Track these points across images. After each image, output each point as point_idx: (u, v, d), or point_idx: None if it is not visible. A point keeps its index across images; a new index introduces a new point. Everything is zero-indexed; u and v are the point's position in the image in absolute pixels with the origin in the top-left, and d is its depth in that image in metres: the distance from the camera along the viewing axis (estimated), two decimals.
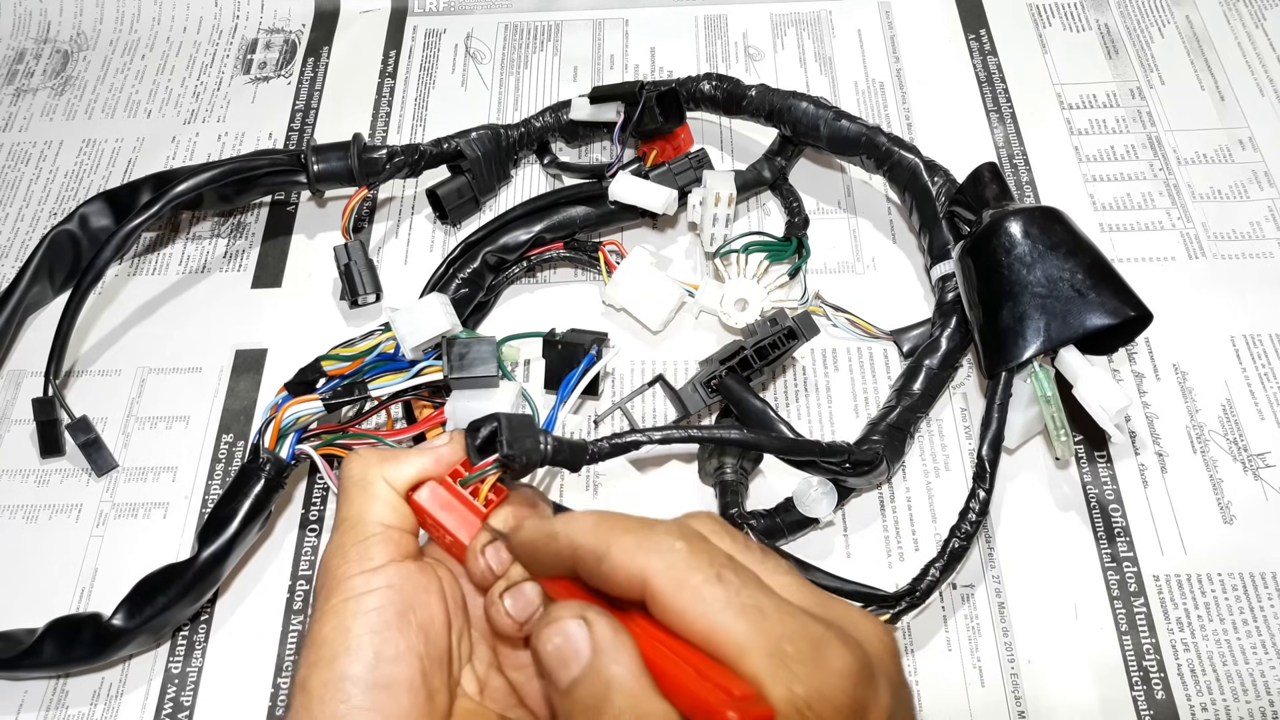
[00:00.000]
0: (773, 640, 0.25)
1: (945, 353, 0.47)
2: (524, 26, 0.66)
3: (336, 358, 0.45)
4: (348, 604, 0.30)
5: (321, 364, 0.45)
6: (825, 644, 0.25)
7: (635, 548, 0.26)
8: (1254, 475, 0.46)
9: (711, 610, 0.25)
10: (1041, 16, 0.64)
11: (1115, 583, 0.44)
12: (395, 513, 0.32)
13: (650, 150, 0.55)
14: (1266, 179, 0.56)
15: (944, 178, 0.51)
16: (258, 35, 0.67)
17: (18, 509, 0.48)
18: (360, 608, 0.30)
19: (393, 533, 0.31)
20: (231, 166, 0.52)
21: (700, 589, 0.25)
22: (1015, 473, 0.46)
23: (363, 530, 0.31)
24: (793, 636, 0.25)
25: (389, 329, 0.45)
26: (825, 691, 0.24)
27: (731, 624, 0.25)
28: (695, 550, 0.26)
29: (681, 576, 0.26)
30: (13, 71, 0.67)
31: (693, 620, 0.25)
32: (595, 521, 0.28)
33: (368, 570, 0.30)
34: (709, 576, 0.26)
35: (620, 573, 0.26)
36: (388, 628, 0.29)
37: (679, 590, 0.26)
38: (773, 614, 0.25)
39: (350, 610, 0.29)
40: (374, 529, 0.31)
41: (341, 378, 0.45)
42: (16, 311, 0.52)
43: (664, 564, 0.26)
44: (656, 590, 0.26)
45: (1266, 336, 0.50)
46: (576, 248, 0.53)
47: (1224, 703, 0.41)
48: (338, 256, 0.53)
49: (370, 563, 0.30)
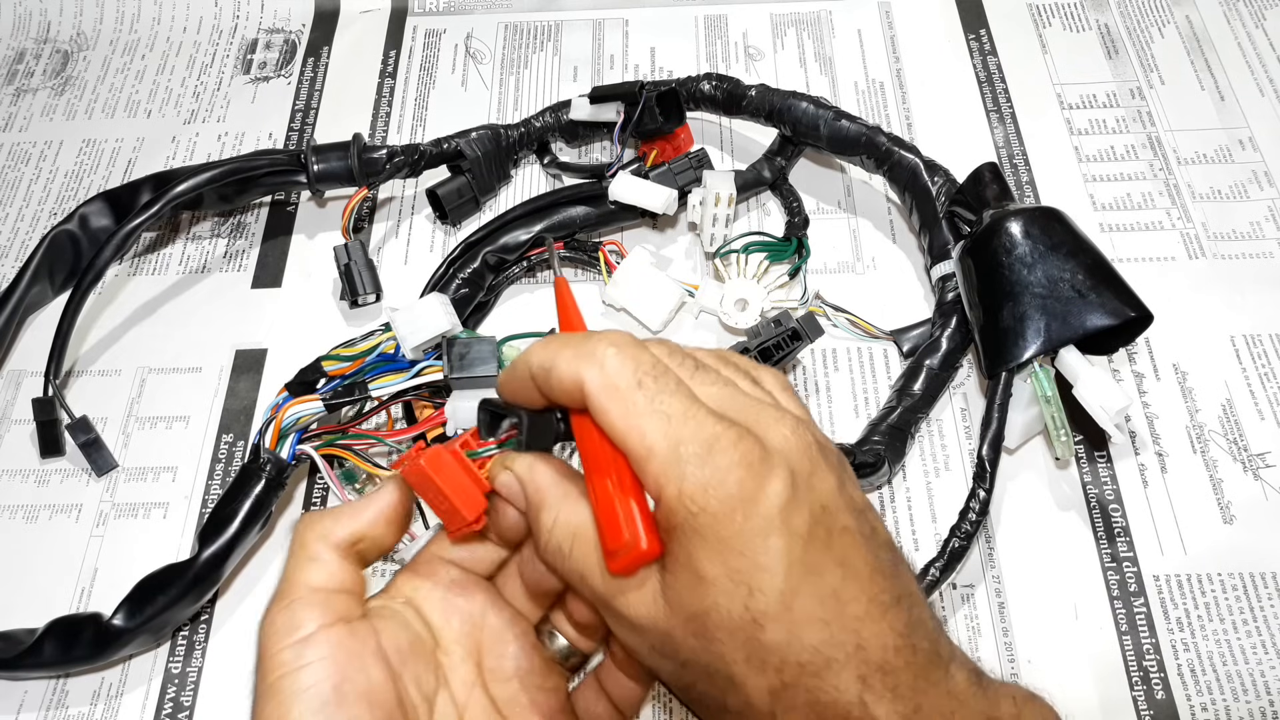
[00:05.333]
0: (673, 443, 0.27)
1: (946, 353, 0.47)
2: (524, 26, 0.66)
3: (337, 358, 0.45)
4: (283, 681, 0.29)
5: (322, 364, 0.45)
6: (717, 441, 0.27)
7: (573, 358, 0.29)
8: (1254, 475, 0.46)
9: (629, 415, 0.28)
10: (1041, 16, 0.64)
11: (1115, 583, 0.44)
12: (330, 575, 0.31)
13: (650, 150, 0.55)
14: (1266, 179, 0.56)
15: (944, 178, 0.51)
16: (258, 35, 0.67)
17: (18, 509, 0.48)
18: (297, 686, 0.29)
19: (319, 595, 0.31)
20: (231, 166, 0.52)
21: (623, 395, 0.28)
22: (1015, 473, 0.46)
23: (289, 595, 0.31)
24: (691, 438, 0.27)
25: (389, 329, 0.45)
26: (709, 484, 0.27)
27: (643, 429, 0.27)
28: (624, 358, 0.28)
29: (609, 383, 0.28)
30: (13, 71, 0.67)
31: (613, 423, 0.28)
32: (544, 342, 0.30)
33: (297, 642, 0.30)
34: (631, 383, 0.28)
35: (565, 382, 0.29)
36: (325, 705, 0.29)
37: (605, 396, 0.28)
38: (678, 418, 0.27)
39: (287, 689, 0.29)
40: (299, 593, 0.31)
41: (342, 378, 0.45)
42: (16, 311, 0.51)
43: (595, 371, 0.28)
44: (588, 396, 0.28)
45: (1266, 336, 0.50)
46: (576, 248, 0.53)
47: (1224, 703, 0.41)
48: (338, 256, 0.53)
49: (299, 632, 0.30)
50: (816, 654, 0.27)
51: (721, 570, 0.27)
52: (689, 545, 0.27)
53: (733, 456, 0.27)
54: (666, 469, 0.27)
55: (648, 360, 0.29)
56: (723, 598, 0.27)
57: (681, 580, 0.27)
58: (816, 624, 0.27)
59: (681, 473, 0.27)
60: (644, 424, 0.27)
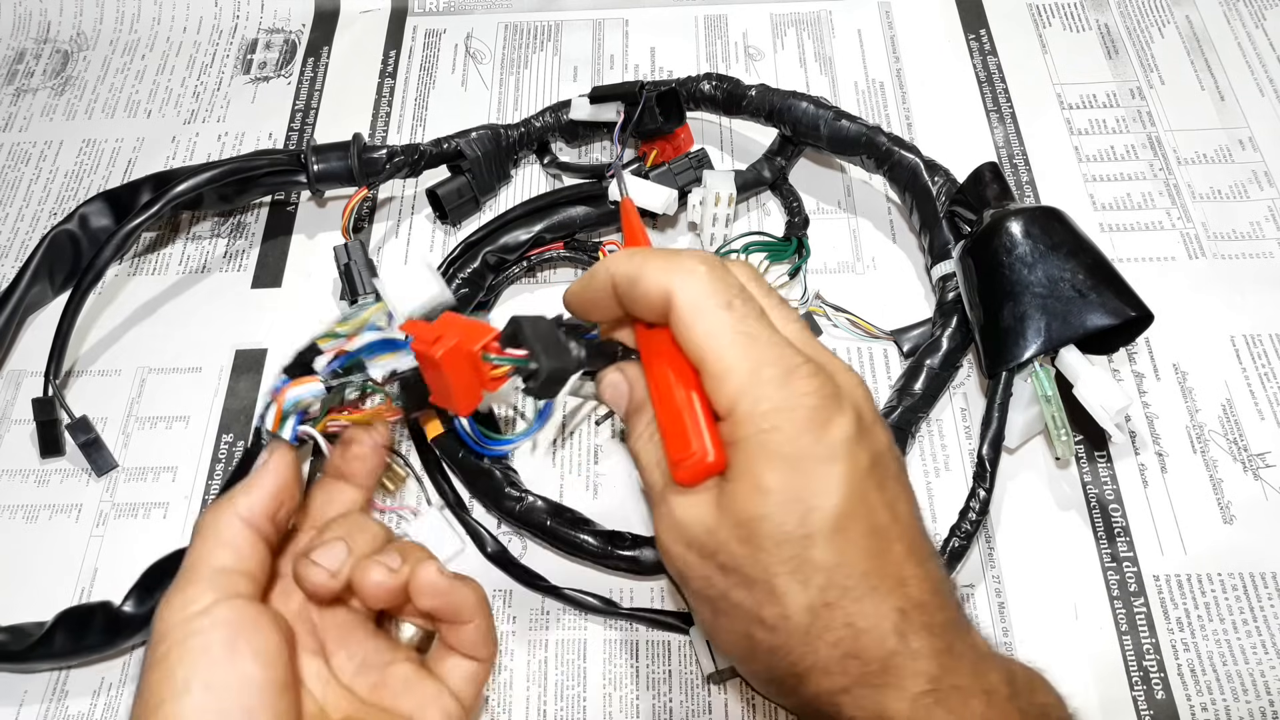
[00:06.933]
0: (754, 364, 0.29)
1: (946, 352, 0.47)
2: (524, 26, 0.66)
3: (333, 335, 0.42)
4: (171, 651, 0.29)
5: (318, 344, 0.44)
6: (796, 370, 0.29)
7: (663, 269, 0.30)
8: (1254, 475, 0.46)
9: (713, 331, 0.29)
10: (1041, 16, 0.64)
11: (1115, 582, 0.44)
12: (234, 554, 0.31)
13: (650, 150, 0.55)
14: (1266, 179, 0.56)
15: (944, 177, 0.51)
16: (258, 35, 0.67)
17: (18, 509, 0.48)
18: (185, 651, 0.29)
19: (220, 576, 0.31)
20: (231, 166, 0.52)
21: (710, 311, 0.29)
22: (1015, 472, 0.46)
23: (189, 577, 0.31)
24: (772, 363, 0.29)
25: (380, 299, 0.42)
26: (786, 406, 0.28)
27: (726, 347, 0.29)
28: (714, 276, 0.30)
29: (697, 298, 0.29)
30: (13, 71, 0.67)
31: (698, 338, 0.29)
32: (629, 252, 0.31)
33: (192, 614, 0.30)
34: (720, 302, 0.29)
35: (651, 292, 0.30)
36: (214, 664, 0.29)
37: (692, 310, 0.29)
38: (762, 343, 0.29)
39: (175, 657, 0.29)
40: (201, 573, 0.31)
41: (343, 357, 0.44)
42: (16, 311, 0.51)
43: (684, 283, 0.29)
44: (675, 306, 0.29)
45: (1266, 336, 0.50)
46: (576, 248, 0.53)
47: (1224, 703, 0.41)
48: (338, 256, 0.53)
49: (194, 606, 0.30)
50: (862, 580, 0.28)
51: (783, 484, 0.28)
52: (754, 458, 0.28)
53: (810, 385, 0.29)
54: (746, 387, 0.28)
55: (735, 283, 0.30)
56: (778, 509, 0.28)
57: (740, 488, 0.29)
58: (864, 553, 0.29)
59: (759, 393, 0.28)
60: (728, 342, 0.29)
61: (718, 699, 0.41)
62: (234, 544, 0.32)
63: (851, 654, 0.28)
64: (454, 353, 0.32)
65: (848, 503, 0.28)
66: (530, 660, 0.43)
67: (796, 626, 0.28)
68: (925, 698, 0.28)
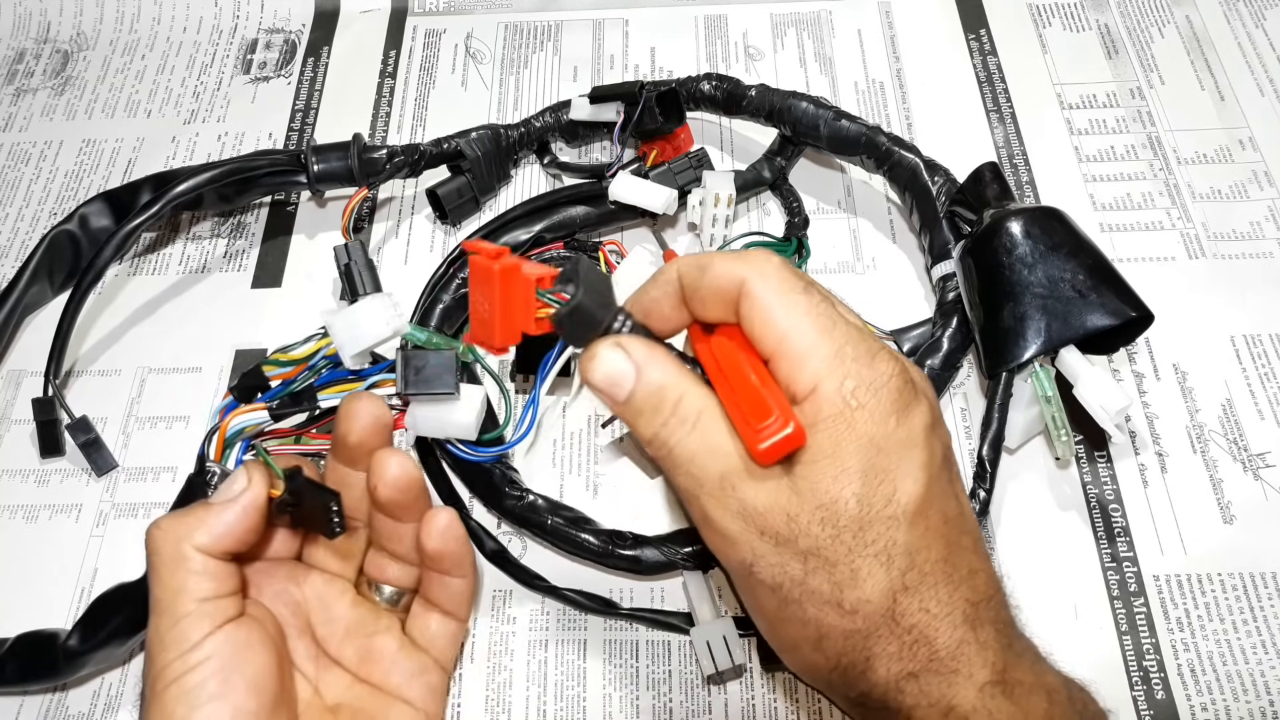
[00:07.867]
0: (837, 344, 0.29)
1: (946, 353, 0.47)
2: (524, 26, 0.66)
3: (276, 363, 0.42)
4: (169, 690, 0.30)
5: (263, 369, 0.42)
6: (879, 353, 0.30)
7: (733, 260, 0.31)
8: (1254, 475, 0.46)
9: (794, 312, 0.29)
10: (1041, 16, 0.64)
11: (1115, 583, 0.44)
12: (212, 580, 0.32)
13: (650, 150, 0.55)
14: (1266, 179, 0.56)
15: (944, 177, 0.51)
16: (258, 35, 0.67)
17: (18, 509, 0.48)
18: (182, 690, 0.30)
19: (208, 605, 0.32)
20: (231, 167, 0.52)
21: (789, 294, 0.30)
22: (1015, 472, 0.46)
23: (176, 612, 0.31)
24: (854, 344, 0.29)
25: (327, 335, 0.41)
26: (874, 385, 0.29)
27: (808, 327, 0.29)
28: (787, 265, 0.31)
29: (775, 282, 0.30)
30: (13, 71, 0.67)
31: (776, 319, 0.29)
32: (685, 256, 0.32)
33: (185, 651, 0.31)
34: (797, 286, 0.30)
35: (721, 278, 0.30)
36: (211, 700, 0.30)
37: (772, 292, 0.30)
38: (841, 326, 0.30)
39: (173, 696, 0.30)
40: (188, 608, 0.31)
41: (286, 383, 0.41)
42: (16, 311, 0.51)
43: (760, 271, 0.30)
44: (752, 289, 0.30)
45: (1266, 336, 0.50)
46: (576, 247, 0.53)
47: (1224, 703, 0.41)
48: (338, 256, 0.53)
49: (187, 643, 0.31)
50: (938, 566, 0.29)
51: (869, 466, 0.28)
52: (839, 437, 0.29)
53: (894, 368, 0.29)
54: (830, 365, 0.29)
55: (805, 275, 0.31)
56: (864, 491, 0.28)
57: (822, 469, 0.29)
58: (941, 541, 0.29)
59: (846, 370, 0.29)
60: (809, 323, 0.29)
61: (718, 699, 0.41)
62: (209, 572, 0.32)
63: (924, 640, 0.29)
64: (511, 271, 0.30)
65: (930, 489, 0.29)
66: (530, 660, 0.43)
67: (875, 609, 0.29)
68: (992, 688, 0.28)
